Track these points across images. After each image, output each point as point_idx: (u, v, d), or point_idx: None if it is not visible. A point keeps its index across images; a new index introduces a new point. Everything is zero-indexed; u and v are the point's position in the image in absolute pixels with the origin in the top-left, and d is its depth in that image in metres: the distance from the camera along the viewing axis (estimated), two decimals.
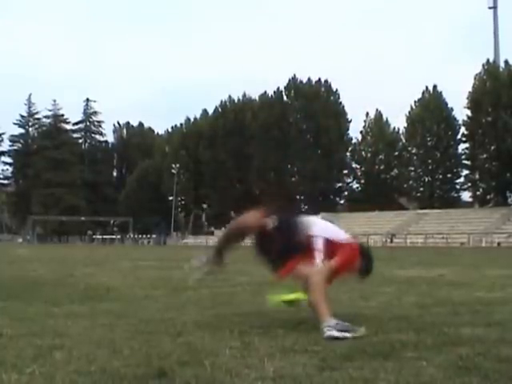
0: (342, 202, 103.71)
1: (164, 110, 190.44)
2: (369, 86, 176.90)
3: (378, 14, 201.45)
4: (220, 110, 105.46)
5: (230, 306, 7.22)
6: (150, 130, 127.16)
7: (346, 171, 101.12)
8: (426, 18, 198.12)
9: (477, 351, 4.43)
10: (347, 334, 5.01)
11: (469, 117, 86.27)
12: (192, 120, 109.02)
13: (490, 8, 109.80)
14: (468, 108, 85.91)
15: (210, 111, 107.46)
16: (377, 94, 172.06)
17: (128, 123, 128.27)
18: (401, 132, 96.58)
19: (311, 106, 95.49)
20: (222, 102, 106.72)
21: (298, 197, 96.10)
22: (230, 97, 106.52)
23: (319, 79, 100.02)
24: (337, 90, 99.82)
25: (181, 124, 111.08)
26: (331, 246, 5.91)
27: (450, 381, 3.65)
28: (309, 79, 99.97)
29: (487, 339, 4.97)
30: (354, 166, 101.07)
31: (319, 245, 5.84)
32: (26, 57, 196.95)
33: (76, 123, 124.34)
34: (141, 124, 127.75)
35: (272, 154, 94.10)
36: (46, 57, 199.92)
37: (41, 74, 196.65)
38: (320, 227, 6.05)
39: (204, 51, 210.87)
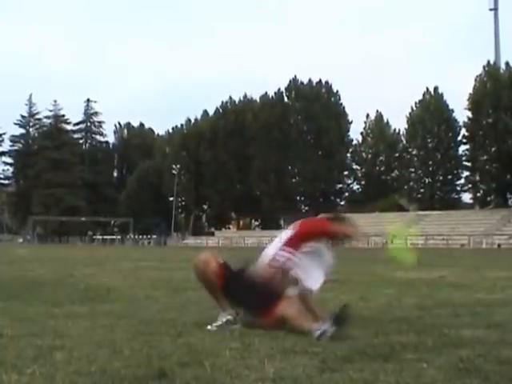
0: (342, 203, 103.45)
1: (164, 110, 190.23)
2: (369, 87, 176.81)
3: (378, 15, 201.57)
4: (221, 110, 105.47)
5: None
6: (151, 130, 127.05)
7: (346, 172, 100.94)
8: (427, 19, 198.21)
9: (477, 353, 4.44)
10: (333, 328, 5.04)
11: (469, 118, 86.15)
12: (192, 121, 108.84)
13: (490, 10, 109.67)
14: (468, 109, 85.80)
15: (211, 112, 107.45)
16: (377, 95, 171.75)
17: (129, 124, 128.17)
18: (401, 133, 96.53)
19: (312, 107, 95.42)
20: (222, 102, 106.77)
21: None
22: (230, 97, 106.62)
23: (320, 80, 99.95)
24: (337, 91, 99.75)
25: (181, 125, 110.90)
26: (298, 238, 5.93)
27: (450, 383, 3.65)
28: (309, 80, 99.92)
29: (487, 341, 4.97)
30: (354, 167, 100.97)
31: (283, 256, 5.85)
32: (27, 57, 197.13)
33: (77, 124, 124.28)
34: (141, 124, 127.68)
35: (272, 154, 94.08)
36: (47, 57, 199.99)
37: (41, 75, 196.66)
38: (268, 248, 6.08)
39: (204, 52, 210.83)
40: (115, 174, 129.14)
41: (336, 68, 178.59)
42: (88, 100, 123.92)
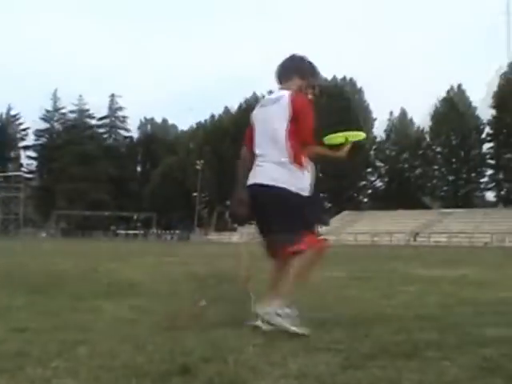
0: (365, 200, 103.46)
1: (187, 106, 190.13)
2: (393, 85, 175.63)
3: (401, 13, 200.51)
4: (245, 106, 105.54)
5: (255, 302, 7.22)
6: (174, 126, 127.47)
7: (369, 169, 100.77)
8: (452, 16, 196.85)
9: (501, 352, 4.40)
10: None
11: (494, 116, 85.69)
12: (216, 116, 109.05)
13: None
14: (493, 107, 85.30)
15: (233, 109, 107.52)
16: (401, 93, 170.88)
17: (152, 119, 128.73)
18: (425, 131, 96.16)
19: (336, 103, 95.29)
20: (246, 99, 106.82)
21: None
22: (254, 93, 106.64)
23: (344, 77, 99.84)
24: (361, 88, 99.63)
25: (205, 120, 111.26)
26: None
27: (473, 381, 3.63)
28: (333, 77, 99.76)
29: (511, 340, 4.94)
30: (378, 164, 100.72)
31: None
32: (53, 52, 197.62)
33: (101, 118, 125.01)
34: (164, 120, 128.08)
35: None
36: (72, 52, 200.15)
37: (67, 70, 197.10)
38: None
39: (228, 49, 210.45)
40: (139, 169, 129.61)
41: (360, 65, 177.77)
42: (113, 95, 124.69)
